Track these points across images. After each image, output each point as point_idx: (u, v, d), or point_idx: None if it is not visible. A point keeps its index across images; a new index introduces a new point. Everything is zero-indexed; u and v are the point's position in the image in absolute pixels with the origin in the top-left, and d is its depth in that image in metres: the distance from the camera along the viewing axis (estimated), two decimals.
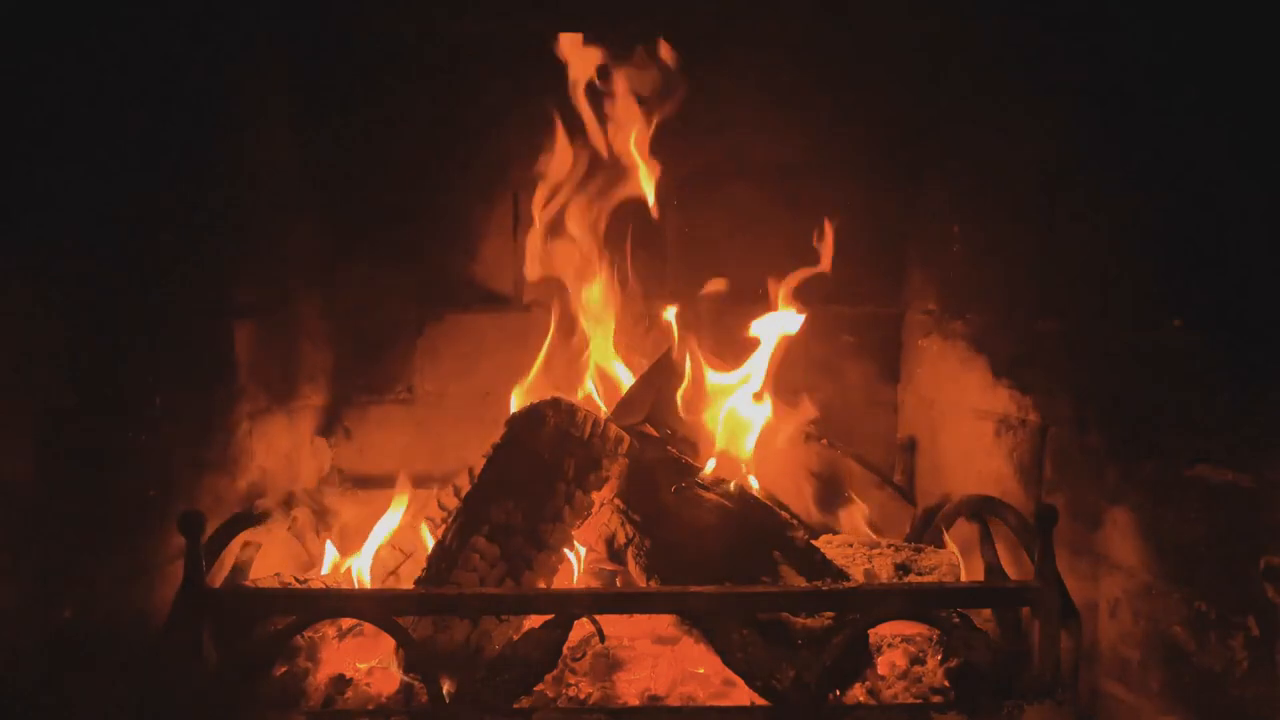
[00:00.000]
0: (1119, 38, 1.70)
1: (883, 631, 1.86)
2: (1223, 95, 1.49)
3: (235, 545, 1.94)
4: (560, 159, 2.33)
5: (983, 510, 2.02)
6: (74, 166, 1.57)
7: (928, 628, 1.85)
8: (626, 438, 1.97)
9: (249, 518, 2.01)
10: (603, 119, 2.32)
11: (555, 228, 2.38)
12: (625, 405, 2.16)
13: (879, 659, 1.82)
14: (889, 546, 2.13)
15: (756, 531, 1.91)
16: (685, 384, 2.22)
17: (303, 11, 2.23)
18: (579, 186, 2.36)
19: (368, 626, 1.79)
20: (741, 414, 2.31)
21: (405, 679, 1.74)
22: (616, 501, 1.99)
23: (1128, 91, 1.68)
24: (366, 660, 1.85)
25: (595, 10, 2.29)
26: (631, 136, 2.31)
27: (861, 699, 1.74)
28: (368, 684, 1.80)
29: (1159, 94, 1.61)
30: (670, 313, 2.33)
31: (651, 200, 2.35)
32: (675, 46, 2.26)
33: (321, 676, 1.81)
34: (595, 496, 1.94)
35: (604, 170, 2.35)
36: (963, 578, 2.03)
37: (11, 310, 1.46)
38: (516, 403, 2.24)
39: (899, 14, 2.25)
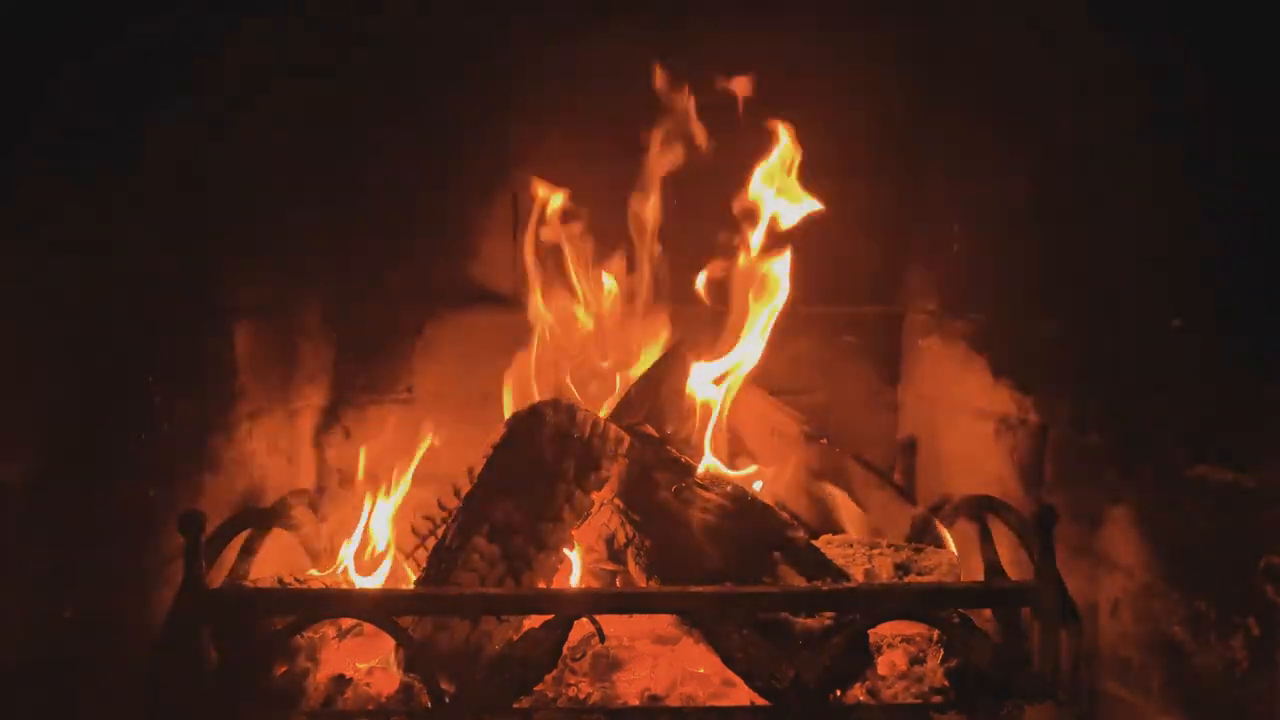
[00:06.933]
0: None
1: (883, 631, 1.86)
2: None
3: (235, 545, 1.94)
4: (560, 159, 2.33)
5: (983, 510, 2.02)
6: (74, 168, 1.57)
7: (928, 628, 1.85)
8: (626, 438, 1.97)
9: (249, 517, 2.01)
10: (602, 116, 2.32)
11: (554, 228, 2.38)
12: (625, 405, 2.16)
13: (879, 659, 1.82)
14: (889, 546, 2.13)
15: (756, 531, 1.91)
16: (686, 385, 2.22)
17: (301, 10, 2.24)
18: (578, 187, 2.36)
19: (368, 626, 1.79)
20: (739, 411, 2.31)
21: (405, 679, 1.74)
22: (616, 501, 1.99)
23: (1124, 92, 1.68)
24: (366, 660, 1.85)
25: (595, 11, 2.30)
26: (630, 134, 2.31)
27: (861, 699, 1.74)
28: (368, 684, 1.79)
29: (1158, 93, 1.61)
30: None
31: (650, 197, 2.35)
32: (673, 48, 2.26)
33: (321, 676, 1.81)
34: (595, 496, 1.94)
35: (603, 169, 2.35)
36: (963, 578, 2.03)
37: (11, 309, 1.46)
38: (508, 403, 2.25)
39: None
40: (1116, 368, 1.72)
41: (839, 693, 1.72)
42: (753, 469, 2.26)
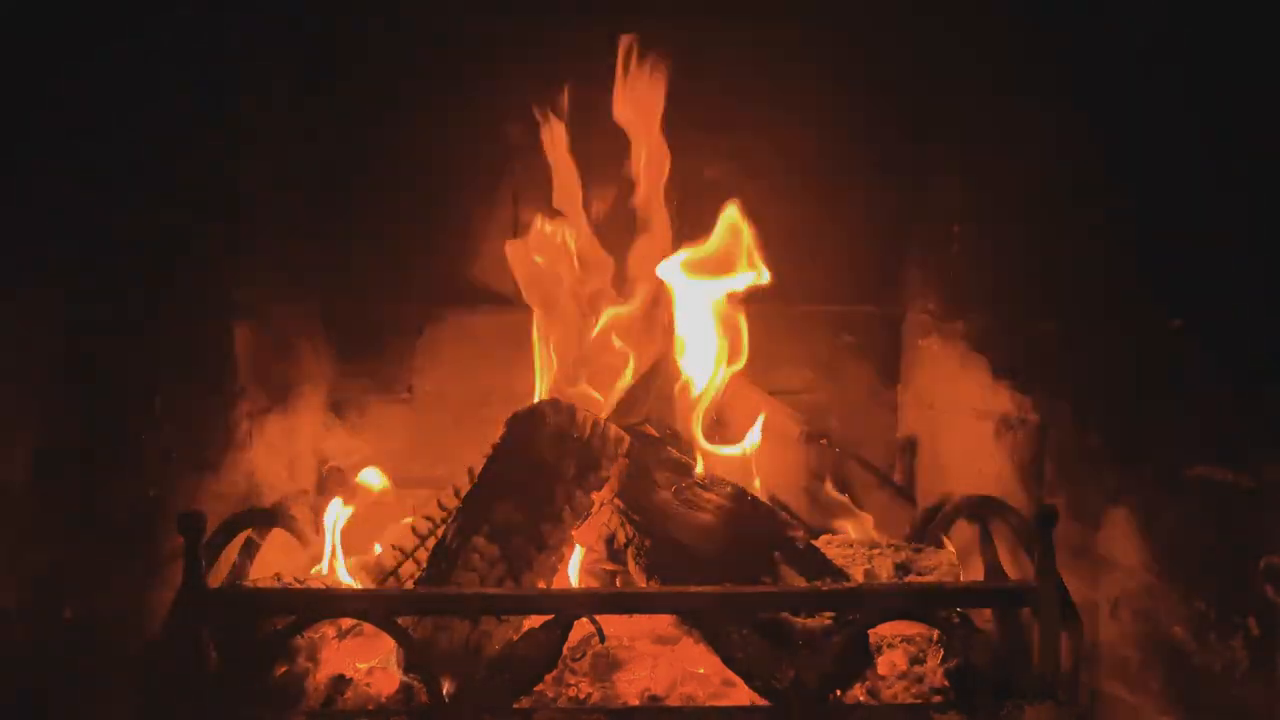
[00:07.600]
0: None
1: (883, 631, 1.86)
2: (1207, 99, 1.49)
3: (235, 545, 1.94)
4: (560, 160, 2.33)
5: (983, 510, 2.02)
6: (73, 167, 1.57)
7: (928, 628, 1.85)
8: (626, 438, 1.97)
9: (249, 518, 2.01)
10: (602, 118, 2.32)
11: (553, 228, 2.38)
12: (625, 405, 2.16)
13: (879, 659, 1.82)
14: (889, 546, 2.13)
15: (756, 531, 1.91)
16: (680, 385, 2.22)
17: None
18: (576, 188, 2.36)
19: (368, 626, 1.79)
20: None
21: (405, 679, 1.74)
22: (616, 501, 1.99)
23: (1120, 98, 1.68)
24: (366, 660, 1.85)
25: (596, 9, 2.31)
26: (632, 136, 2.31)
27: (861, 699, 1.74)
28: (368, 684, 1.79)
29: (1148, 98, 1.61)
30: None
31: (651, 198, 2.35)
32: (676, 45, 2.26)
33: (321, 676, 1.81)
34: (595, 496, 1.94)
35: (602, 170, 2.35)
36: (963, 578, 2.03)
37: (11, 309, 1.46)
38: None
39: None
40: (1116, 368, 1.72)
41: (839, 693, 1.72)
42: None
